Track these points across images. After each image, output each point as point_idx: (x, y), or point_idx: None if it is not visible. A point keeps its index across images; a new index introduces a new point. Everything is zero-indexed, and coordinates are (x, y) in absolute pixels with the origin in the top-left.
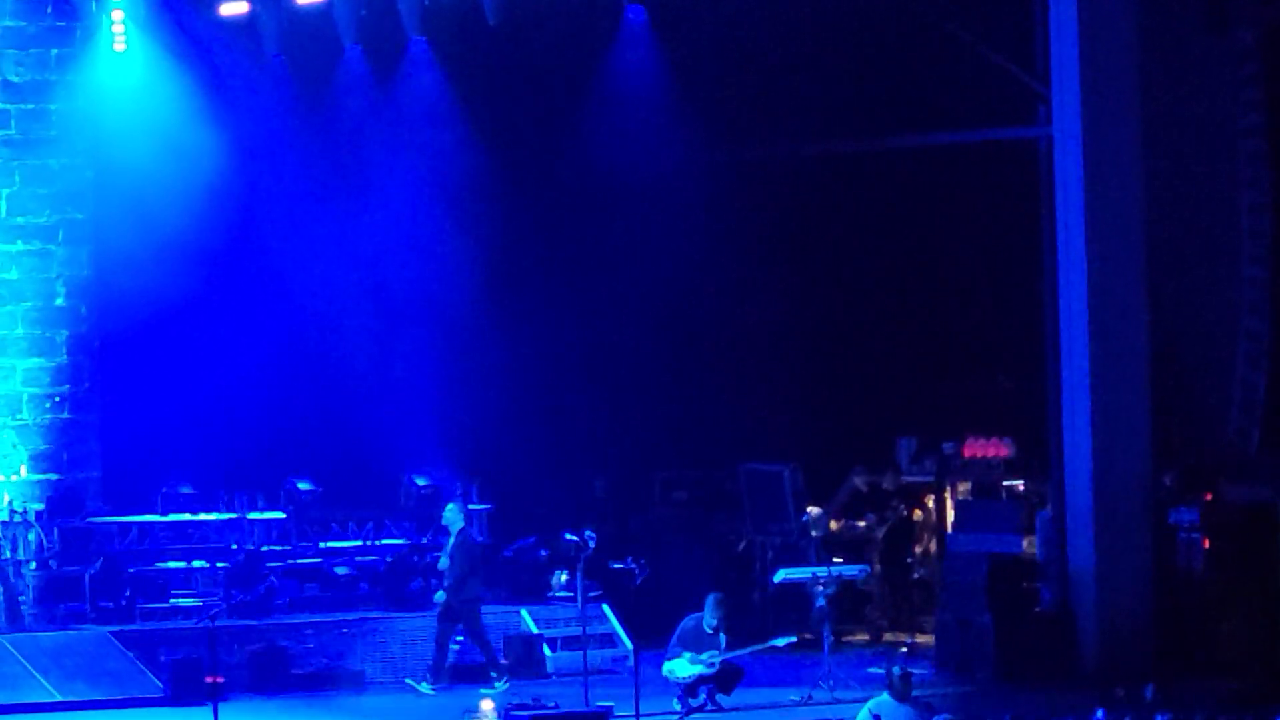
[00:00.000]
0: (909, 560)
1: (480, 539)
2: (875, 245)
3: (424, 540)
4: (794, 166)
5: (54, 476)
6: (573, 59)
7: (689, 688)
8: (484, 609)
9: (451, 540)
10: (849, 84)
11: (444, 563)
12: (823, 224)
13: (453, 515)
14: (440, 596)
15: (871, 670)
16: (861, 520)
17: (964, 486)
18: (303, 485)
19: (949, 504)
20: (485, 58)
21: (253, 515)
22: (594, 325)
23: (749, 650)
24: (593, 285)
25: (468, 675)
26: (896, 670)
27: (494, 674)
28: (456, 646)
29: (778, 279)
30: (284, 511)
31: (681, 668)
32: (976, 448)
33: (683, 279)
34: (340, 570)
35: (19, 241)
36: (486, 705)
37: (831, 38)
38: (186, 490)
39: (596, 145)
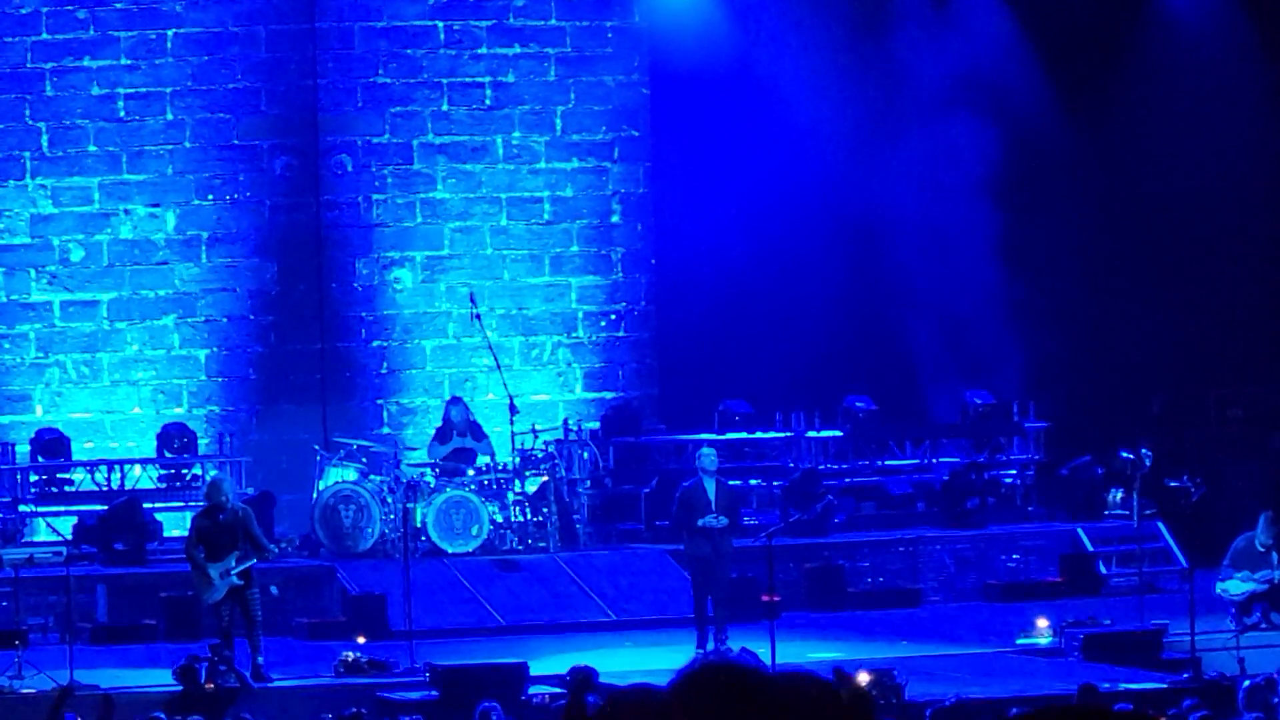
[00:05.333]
0: None
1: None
2: None
3: (981, 458)
4: None
5: (609, 395)
6: None
7: (1243, 605)
8: (1042, 526)
9: (715, 486)
10: None
11: (722, 519)
12: None
13: (711, 460)
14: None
15: None
16: None
17: None
18: (860, 403)
19: None
20: None
21: (810, 434)
22: (1151, 243)
23: None
24: (1150, 201)
25: (1020, 593)
26: None
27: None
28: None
29: None
30: (841, 430)
31: (1235, 586)
32: None
33: (1241, 198)
34: (897, 489)
35: (574, 159)
36: (1042, 622)
37: None
38: (742, 408)
39: (1155, 70)
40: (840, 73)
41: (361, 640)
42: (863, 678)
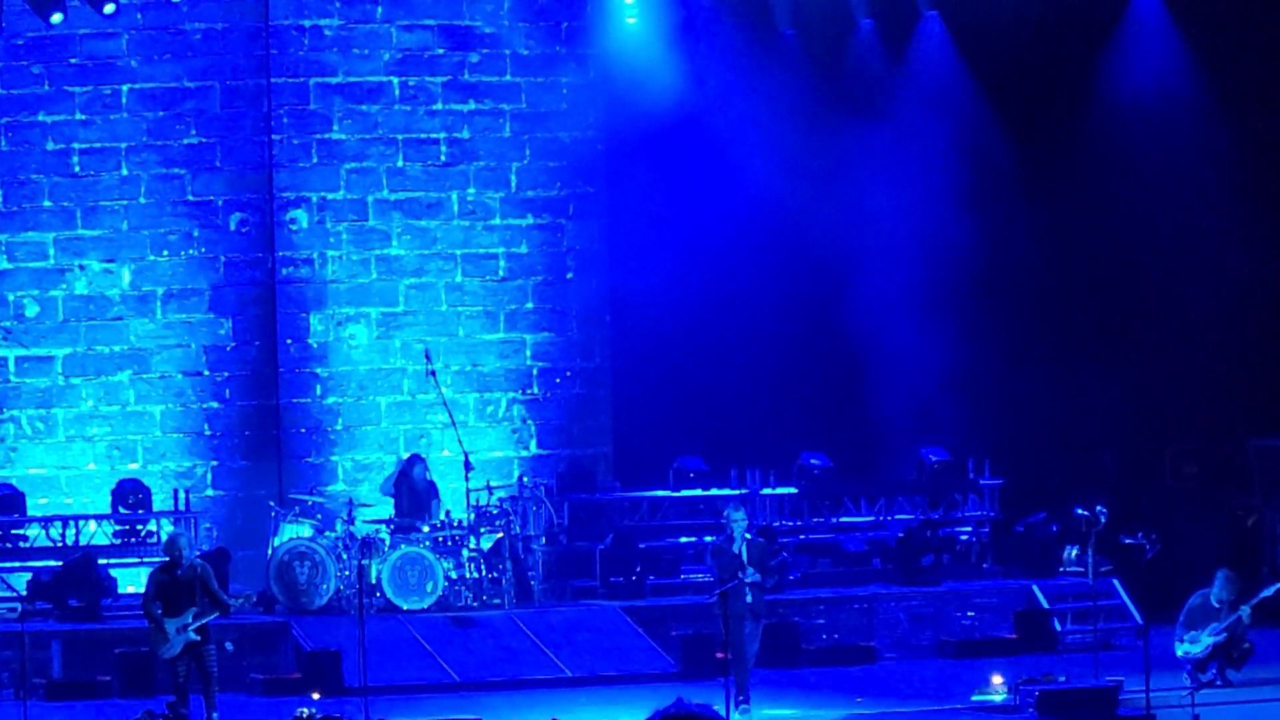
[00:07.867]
0: None
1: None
2: None
3: (936, 515)
4: None
5: (564, 452)
6: (1083, 30)
7: (1199, 663)
8: (998, 583)
9: (744, 545)
10: None
11: (754, 573)
12: None
13: (741, 519)
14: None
15: None
16: None
17: None
18: (815, 460)
19: None
20: (997, 30)
21: (765, 491)
22: (1106, 300)
23: (1247, 605)
24: (1104, 257)
25: (975, 649)
26: None
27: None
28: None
29: None
30: (796, 487)
31: (1195, 647)
32: None
33: (1193, 251)
34: (852, 546)
35: (529, 215)
36: (997, 679)
37: None
38: (697, 466)
39: (1110, 115)
40: (796, 128)
41: (316, 697)
42: None
